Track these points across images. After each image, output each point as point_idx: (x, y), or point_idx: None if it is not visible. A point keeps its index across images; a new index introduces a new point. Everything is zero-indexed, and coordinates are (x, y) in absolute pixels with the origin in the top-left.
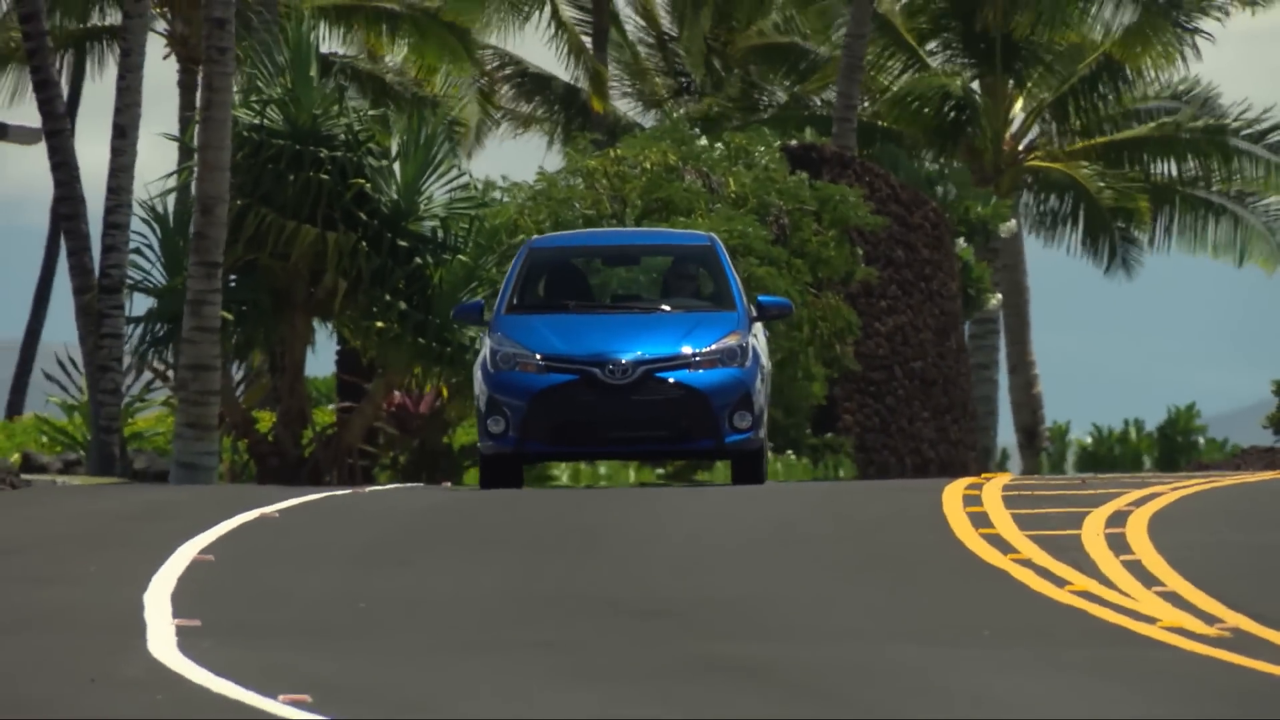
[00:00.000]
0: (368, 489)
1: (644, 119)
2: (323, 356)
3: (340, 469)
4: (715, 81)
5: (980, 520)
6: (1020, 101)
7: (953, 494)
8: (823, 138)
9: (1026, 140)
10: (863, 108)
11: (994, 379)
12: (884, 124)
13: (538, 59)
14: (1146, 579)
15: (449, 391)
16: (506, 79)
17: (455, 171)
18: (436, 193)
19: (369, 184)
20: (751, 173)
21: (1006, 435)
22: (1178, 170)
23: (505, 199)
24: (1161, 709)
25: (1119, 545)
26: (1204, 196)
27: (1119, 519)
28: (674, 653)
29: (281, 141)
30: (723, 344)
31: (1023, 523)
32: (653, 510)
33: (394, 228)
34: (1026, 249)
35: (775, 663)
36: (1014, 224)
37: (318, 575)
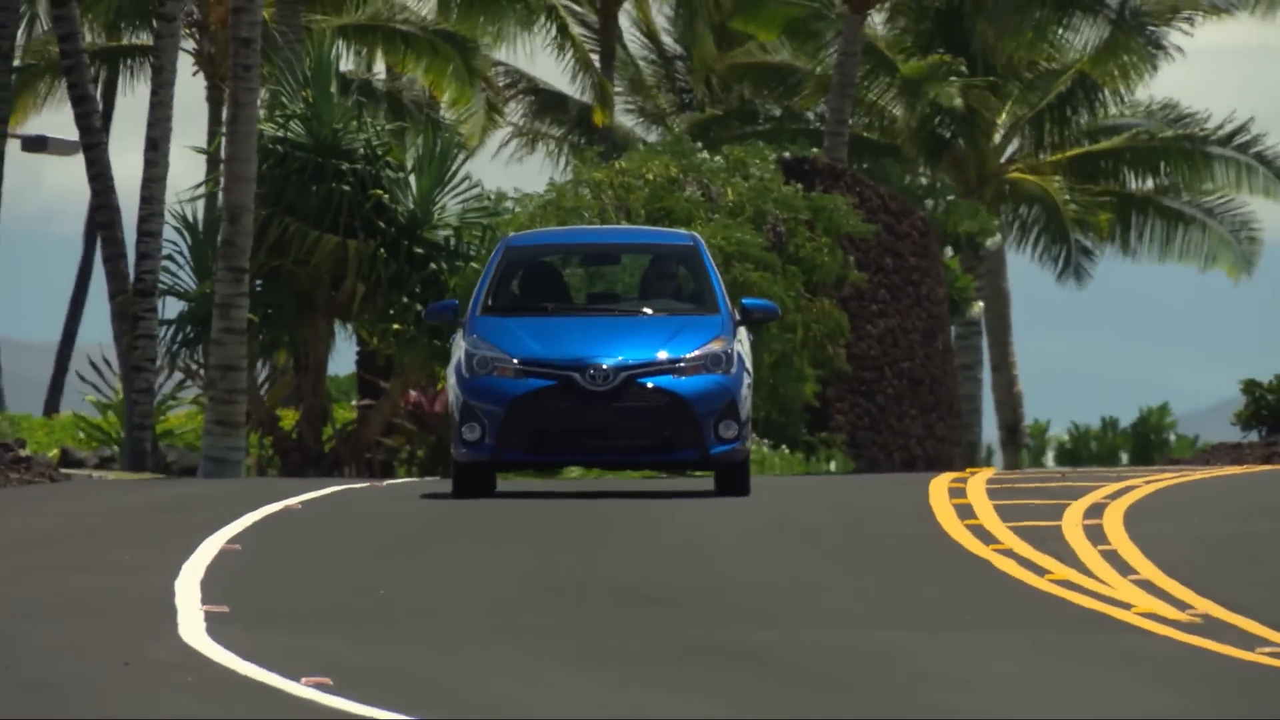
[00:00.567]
0: (386, 482)
1: (647, 134)
2: (343, 357)
3: (359, 463)
4: (715, 97)
5: (965, 512)
6: (1003, 117)
7: (939, 487)
8: (815, 150)
9: (1007, 154)
10: (853, 121)
11: (978, 379)
12: (872, 137)
13: (546, 76)
14: (1122, 568)
15: None
16: (518, 96)
17: (468, 183)
18: (450, 203)
19: (387, 195)
20: (749, 183)
21: (990, 432)
22: (1151, 181)
23: (516, 209)
24: (1136, 691)
25: (1096, 536)
26: (1175, 207)
27: (1096, 511)
28: (676, 637)
29: (304, 154)
30: (707, 349)
31: (1005, 514)
32: (655, 503)
33: (410, 236)
34: (1009, 256)
35: (772, 646)
36: (999, 236)
37: (338, 564)
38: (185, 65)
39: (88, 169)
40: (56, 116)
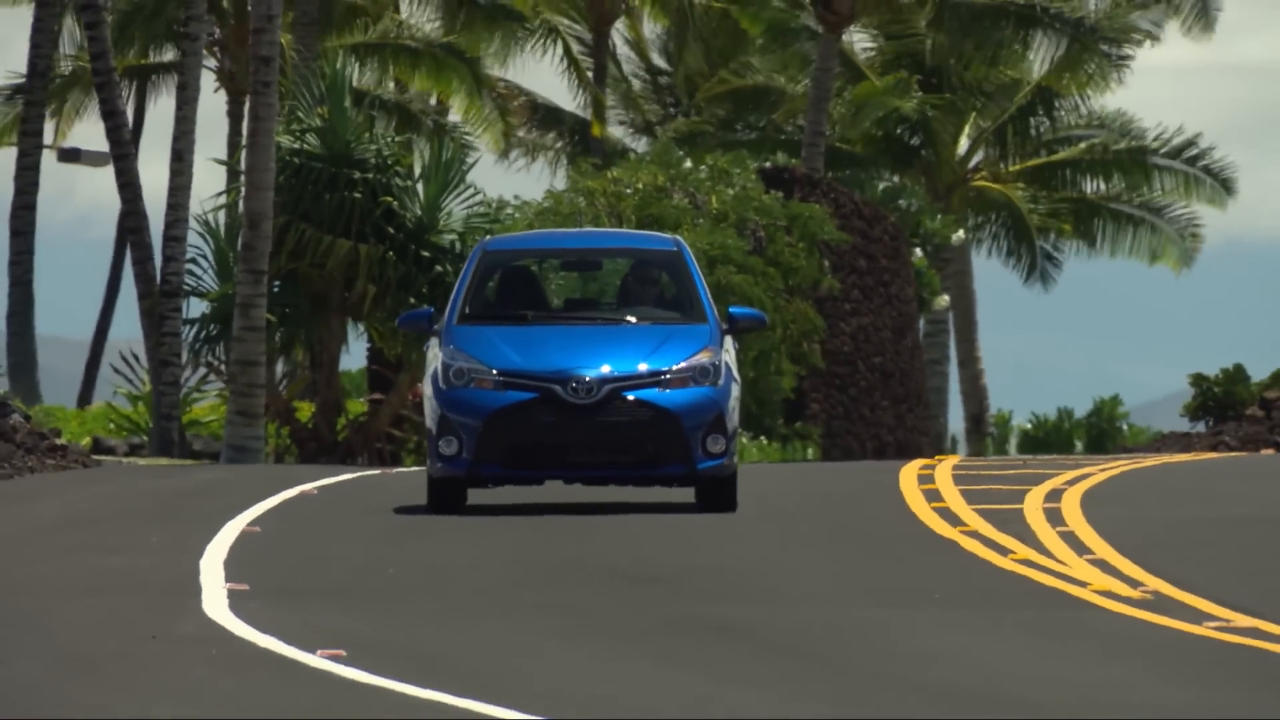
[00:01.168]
0: (395, 470)
1: (636, 144)
2: (355, 353)
3: (370, 453)
4: (698, 109)
5: (933, 496)
6: (967, 129)
7: (909, 474)
8: (794, 160)
9: (973, 163)
10: (830, 133)
11: (945, 372)
12: (846, 147)
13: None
14: (1079, 548)
15: None
16: (517, 110)
17: (471, 190)
18: (455, 209)
19: (396, 202)
20: (732, 191)
21: (956, 422)
22: (1105, 186)
23: (516, 215)
24: (1092, 662)
25: (1055, 518)
26: (1126, 210)
27: (1055, 495)
28: (666, 613)
29: (319, 165)
30: (695, 361)
31: (970, 499)
32: (644, 492)
33: (418, 240)
34: (976, 258)
35: (755, 622)
36: (963, 234)
37: (352, 545)
38: (207, 82)
39: (117, 179)
40: (88, 128)
